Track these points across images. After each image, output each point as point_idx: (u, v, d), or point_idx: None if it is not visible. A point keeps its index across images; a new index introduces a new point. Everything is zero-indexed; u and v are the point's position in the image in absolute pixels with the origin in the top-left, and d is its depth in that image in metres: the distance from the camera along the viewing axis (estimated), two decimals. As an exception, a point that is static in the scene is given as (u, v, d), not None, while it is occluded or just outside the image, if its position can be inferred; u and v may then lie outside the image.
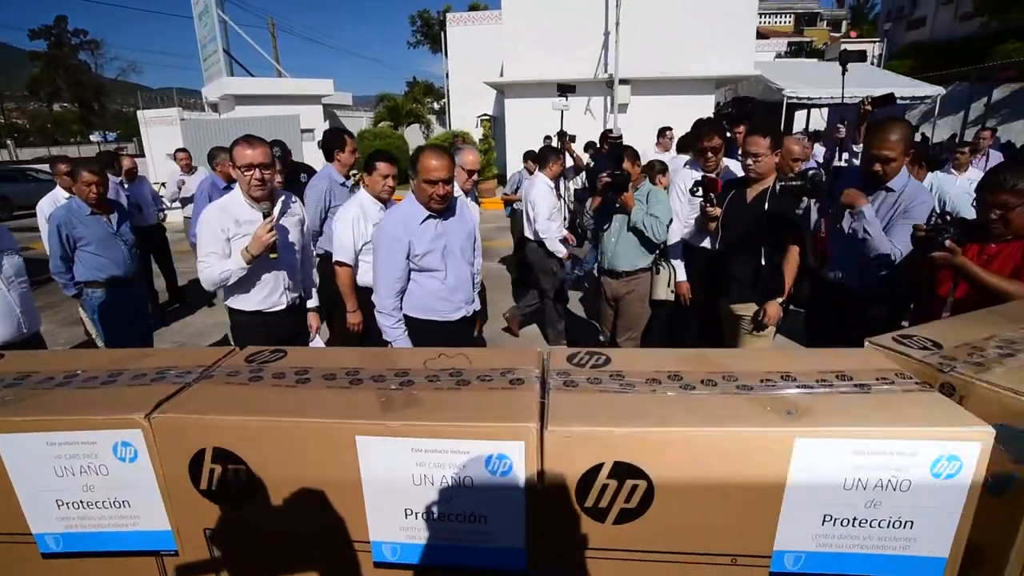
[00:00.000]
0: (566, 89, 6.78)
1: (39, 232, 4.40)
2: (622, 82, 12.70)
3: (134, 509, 1.11)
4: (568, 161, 6.46)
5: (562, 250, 4.53)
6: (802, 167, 3.84)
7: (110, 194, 3.91)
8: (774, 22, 43.92)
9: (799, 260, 2.82)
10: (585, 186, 6.66)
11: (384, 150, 3.89)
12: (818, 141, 10.27)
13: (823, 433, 0.88)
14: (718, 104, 15.44)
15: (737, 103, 14.39)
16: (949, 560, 0.98)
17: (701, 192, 3.03)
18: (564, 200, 5.93)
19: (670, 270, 3.64)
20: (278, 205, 2.55)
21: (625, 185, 3.25)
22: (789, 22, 45.37)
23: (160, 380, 1.20)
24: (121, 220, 3.74)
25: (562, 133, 6.22)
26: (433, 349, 1.29)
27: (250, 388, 1.15)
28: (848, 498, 0.93)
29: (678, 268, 3.64)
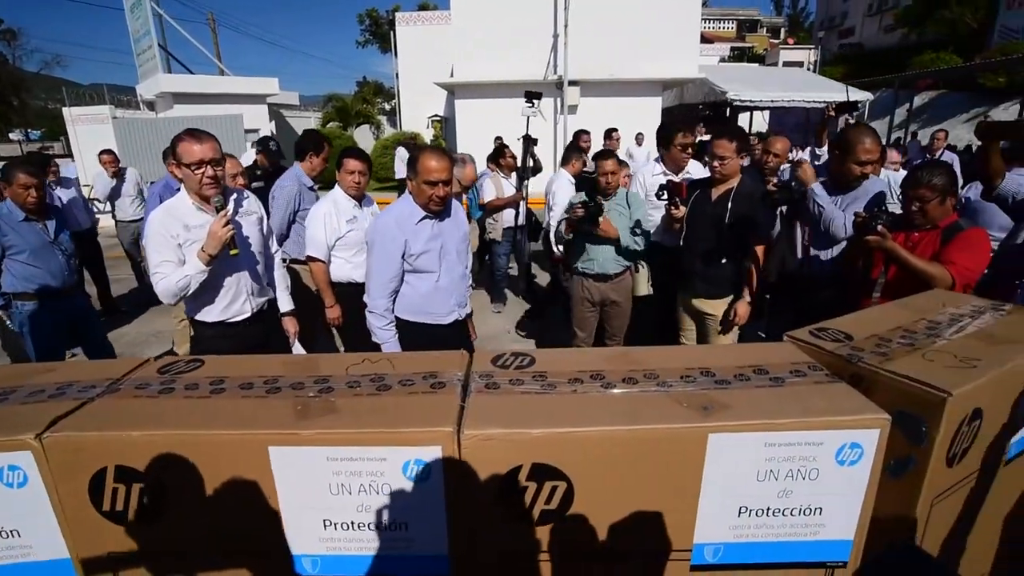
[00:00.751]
0: (533, 95, 6.84)
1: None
2: (572, 84, 12.85)
3: (25, 539, 1.03)
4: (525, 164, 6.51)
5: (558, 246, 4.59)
6: (777, 163, 3.98)
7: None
8: (717, 28, 45.45)
9: (762, 259, 2.92)
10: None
11: (355, 147, 3.79)
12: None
13: (735, 428, 0.90)
14: (701, 106, 15.72)
15: (712, 107, 14.82)
16: (855, 540, 1.02)
17: (666, 195, 3.08)
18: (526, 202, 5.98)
19: (647, 266, 3.69)
20: (231, 202, 2.40)
21: (599, 213, 3.20)
22: (732, 28, 47.05)
23: (59, 396, 1.12)
24: (59, 227, 3.48)
25: (527, 137, 6.25)
26: (358, 355, 1.26)
27: (159, 401, 1.09)
28: (761, 489, 0.95)
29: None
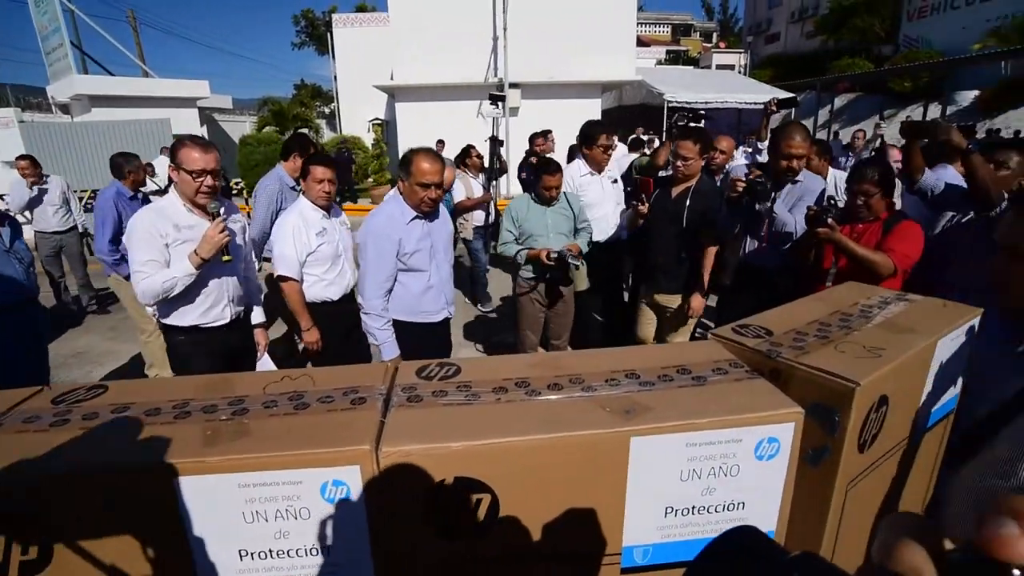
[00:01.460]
0: (497, 97, 6.93)
1: None
2: (512, 86, 12.91)
3: None
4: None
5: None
6: (723, 160, 4.25)
7: None
8: (653, 31, 46.83)
9: (718, 254, 3.08)
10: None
11: (322, 153, 3.71)
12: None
13: (656, 430, 0.91)
14: (670, 108, 15.85)
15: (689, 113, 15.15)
16: (777, 531, 1.05)
17: (634, 193, 3.34)
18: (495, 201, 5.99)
19: (585, 262, 3.80)
20: (223, 208, 2.38)
21: (565, 269, 3.28)
22: (667, 32, 48.60)
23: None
24: (15, 236, 3.23)
25: (493, 138, 6.27)
26: (278, 372, 1.20)
27: (49, 435, 0.99)
28: (685, 489, 0.96)
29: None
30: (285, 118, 20.70)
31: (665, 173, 3.84)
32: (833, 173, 4.86)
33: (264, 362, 2.81)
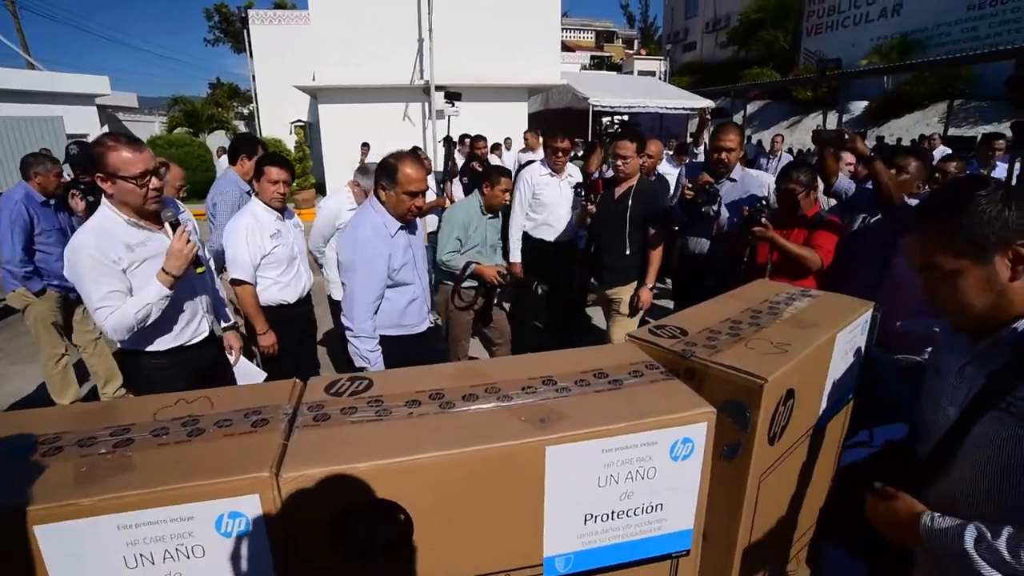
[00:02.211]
0: (453, 96, 6.78)
1: None
2: (439, 89, 12.79)
3: None
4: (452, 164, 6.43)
5: None
6: (652, 164, 4.44)
7: None
8: (578, 37, 47.97)
9: (662, 249, 3.24)
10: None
11: (276, 152, 3.46)
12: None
13: (571, 438, 0.90)
14: (595, 112, 16.06)
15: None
16: (695, 527, 1.07)
17: (584, 193, 3.50)
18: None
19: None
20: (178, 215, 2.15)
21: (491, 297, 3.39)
22: (591, 38, 49.93)
23: None
24: None
25: (448, 139, 6.14)
26: (172, 395, 1.09)
27: None
28: (603, 495, 0.96)
29: (515, 251, 4.02)
30: (199, 119, 19.48)
31: (598, 178, 3.97)
32: (760, 175, 5.25)
33: (242, 366, 2.61)
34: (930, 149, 8.49)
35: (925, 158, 3.48)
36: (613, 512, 0.98)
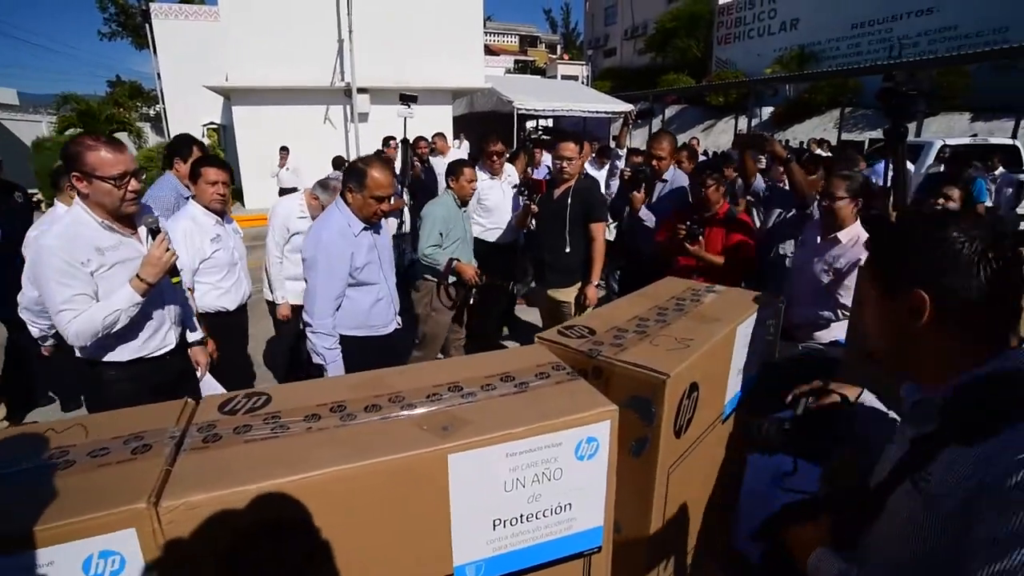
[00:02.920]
0: (408, 98, 6.60)
1: None
2: (360, 91, 12.49)
3: None
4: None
5: None
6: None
7: None
8: (502, 41, 48.44)
9: (603, 246, 3.32)
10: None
11: (212, 154, 3.28)
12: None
13: (474, 444, 0.89)
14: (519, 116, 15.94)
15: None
16: (605, 524, 1.09)
17: (527, 193, 3.55)
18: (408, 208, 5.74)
19: None
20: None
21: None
22: (515, 42, 50.55)
23: None
24: None
25: (405, 140, 5.94)
26: (41, 424, 0.99)
27: None
28: (511, 499, 0.96)
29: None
30: (95, 119, 17.93)
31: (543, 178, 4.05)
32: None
33: (208, 382, 2.52)
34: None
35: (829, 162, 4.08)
36: (522, 516, 0.98)
